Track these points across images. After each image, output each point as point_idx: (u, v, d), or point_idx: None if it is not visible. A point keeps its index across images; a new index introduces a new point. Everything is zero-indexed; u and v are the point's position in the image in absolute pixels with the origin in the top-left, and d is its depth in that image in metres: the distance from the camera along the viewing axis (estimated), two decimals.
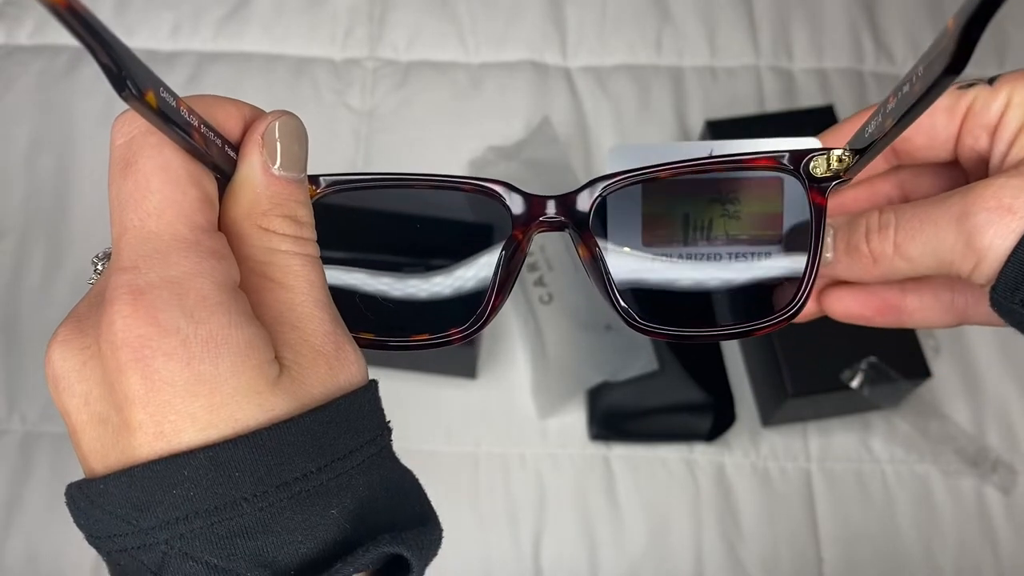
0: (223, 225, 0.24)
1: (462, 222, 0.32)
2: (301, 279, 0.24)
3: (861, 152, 0.27)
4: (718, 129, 0.64)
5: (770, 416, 0.61)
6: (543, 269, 0.64)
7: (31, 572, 0.58)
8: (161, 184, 0.22)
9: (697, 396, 0.62)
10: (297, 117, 0.25)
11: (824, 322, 0.39)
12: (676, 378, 0.61)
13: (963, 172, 0.34)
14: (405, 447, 0.25)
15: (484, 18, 0.74)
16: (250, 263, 0.23)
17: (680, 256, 0.36)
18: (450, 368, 0.63)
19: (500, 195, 0.30)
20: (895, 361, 0.58)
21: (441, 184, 0.30)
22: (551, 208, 0.30)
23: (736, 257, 0.36)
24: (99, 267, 0.25)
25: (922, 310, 0.35)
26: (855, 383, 0.57)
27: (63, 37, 0.73)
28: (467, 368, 0.63)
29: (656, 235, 0.36)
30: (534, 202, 0.30)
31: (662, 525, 0.60)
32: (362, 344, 0.27)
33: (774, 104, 0.72)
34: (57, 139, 0.70)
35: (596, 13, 0.75)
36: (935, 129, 0.33)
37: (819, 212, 0.29)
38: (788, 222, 0.35)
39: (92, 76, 0.71)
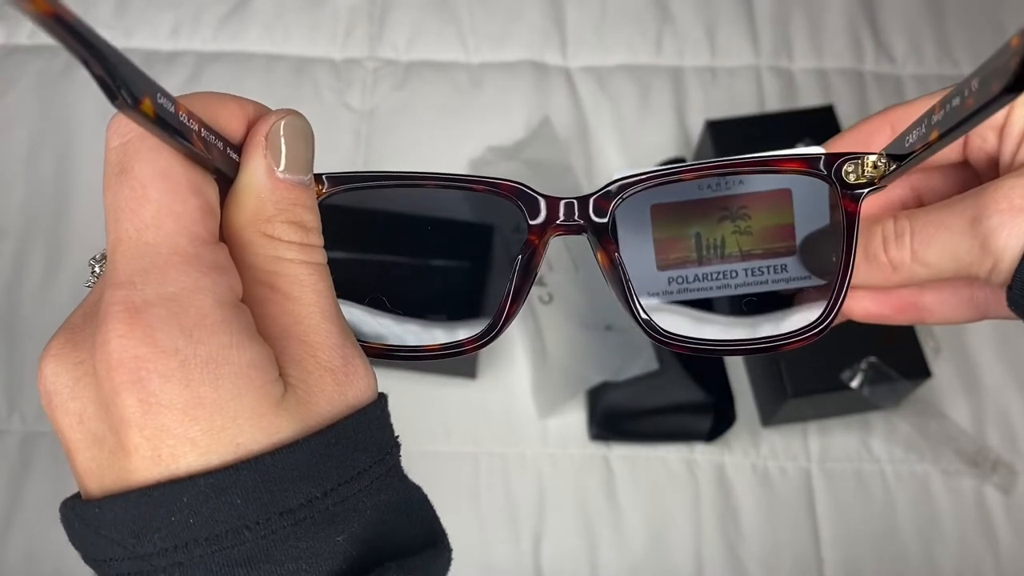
0: (225, 232, 0.23)
1: (474, 224, 0.31)
2: (308, 289, 0.23)
3: (900, 160, 0.27)
4: (718, 129, 0.64)
5: (770, 416, 0.61)
6: (543, 269, 0.64)
7: (31, 572, 0.58)
8: (159, 192, 0.21)
9: (697, 396, 0.61)
10: (303, 116, 0.24)
11: None
12: (676, 378, 0.61)
13: (974, 171, 0.34)
14: (405, 448, 0.25)
15: (484, 18, 0.75)
16: (254, 272, 0.22)
17: (696, 278, 0.35)
18: (450, 368, 0.63)
19: (514, 197, 0.28)
20: (895, 361, 0.58)
21: (452, 184, 0.28)
22: (568, 211, 0.28)
23: (753, 273, 0.35)
24: (96, 269, 0.24)
25: (942, 306, 0.34)
26: (855, 383, 0.57)
27: None
28: (467, 368, 0.63)
29: (670, 258, 0.35)
30: (550, 205, 0.28)
31: (662, 525, 0.60)
32: (370, 353, 0.26)
33: (774, 104, 0.72)
34: (57, 139, 0.70)
35: (596, 13, 0.75)
36: None
37: (851, 219, 0.28)
38: (805, 230, 0.34)
39: None
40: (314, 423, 0.22)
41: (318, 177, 0.27)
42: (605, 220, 0.28)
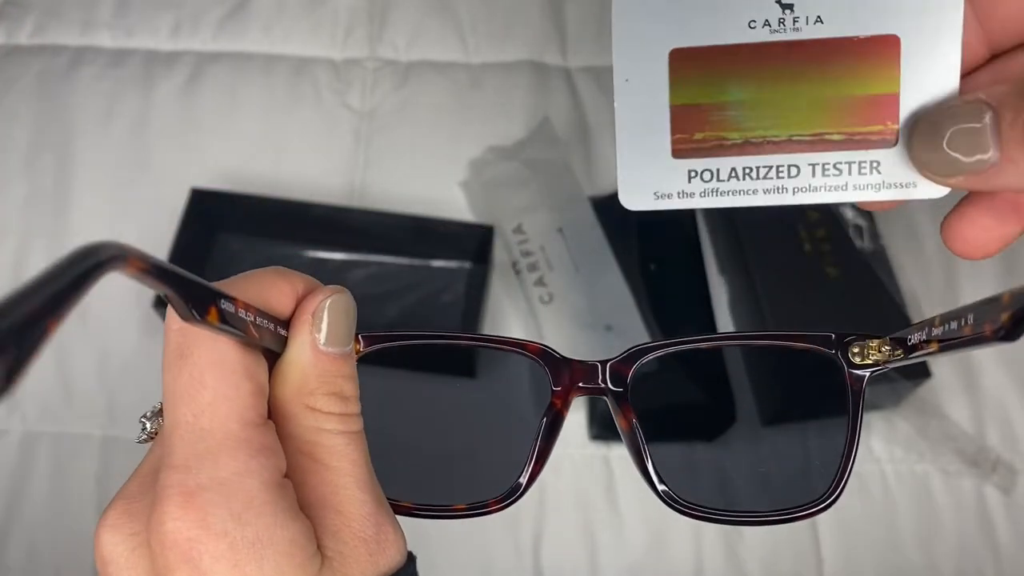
0: (271, 403, 0.24)
1: (501, 381, 0.32)
2: (345, 459, 0.24)
3: (904, 352, 0.27)
4: None
5: (770, 416, 0.61)
6: (543, 269, 0.64)
7: (31, 572, 0.58)
8: (215, 380, 0.22)
9: (697, 396, 0.61)
10: (348, 294, 0.26)
11: (824, 321, 0.39)
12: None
13: None
14: None
15: (484, 18, 0.75)
16: (297, 443, 0.24)
17: (733, 174, 0.25)
18: (449, 368, 0.63)
19: (539, 360, 0.30)
20: None
21: (481, 344, 0.30)
22: (591, 376, 0.29)
23: (825, 171, 0.25)
24: (148, 426, 0.26)
25: None
26: None
27: (63, 37, 0.73)
28: (467, 368, 0.63)
29: (692, 140, 0.26)
30: (574, 368, 0.29)
31: (662, 525, 0.60)
32: (397, 511, 0.27)
33: None
34: (57, 139, 0.70)
35: (596, 13, 0.75)
36: None
37: (856, 398, 0.29)
38: (915, 104, 0.24)
39: (92, 76, 0.71)
40: None
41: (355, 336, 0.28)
42: (624, 389, 0.29)
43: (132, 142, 0.70)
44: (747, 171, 0.25)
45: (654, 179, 0.26)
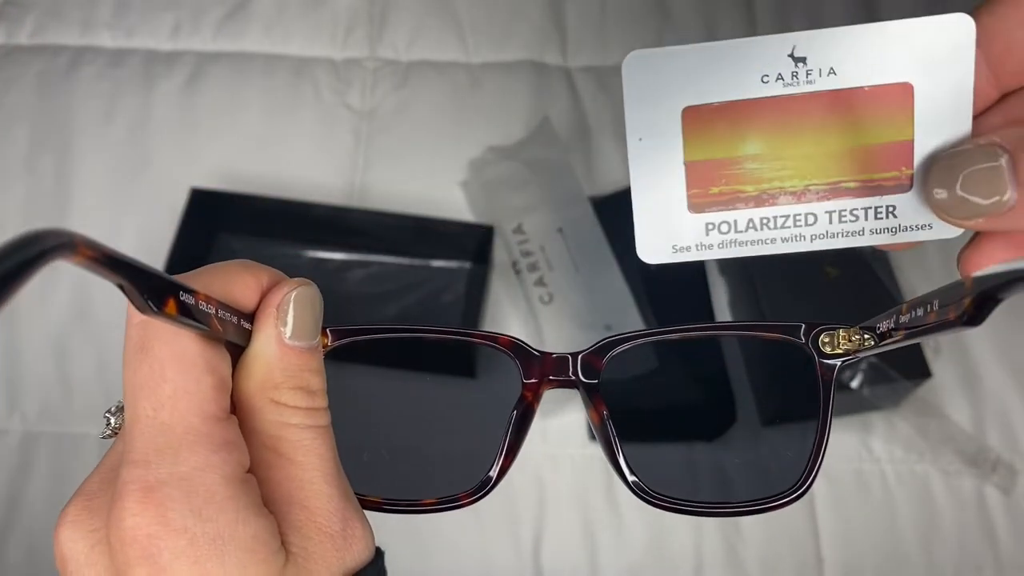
0: (235, 397, 0.24)
1: (476, 375, 0.32)
2: (312, 454, 0.24)
3: (874, 340, 0.26)
4: None
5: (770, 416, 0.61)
6: (543, 269, 0.64)
7: (31, 572, 0.58)
8: (175, 373, 0.22)
9: (697, 396, 0.61)
10: (312, 285, 0.25)
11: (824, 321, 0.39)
12: (676, 378, 0.61)
13: None
14: None
15: (484, 18, 0.75)
16: (261, 437, 0.24)
17: (751, 225, 0.26)
18: (449, 368, 0.63)
19: (510, 353, 0.29)
20: (895, 361, 0.58)
21: (451, 337, 0.29)
22: (562, 368, 0.29)
23: (842, 218, 0.26)
24: (112, 422, 0.25)
25: None
26: (855, 383, 0.57)
27: (63, 37, 0.73)
28: (466, 368, 0.63)
29: (708, 194, 0.26)
30: (545, 361, 0.29)
31: (662, 525, 0.60)
32: (366, 506, 0.27)
33: None
34: (57, 139, 0.70)
35: (596, 13, 0.75)
36: None
37: (828, 388, 0.28)
38: (929, 148, 0.25)
39: (92, 76, 0.71)
40: None
41: (323, 330, 0.27)
42: (596, 381, 0.29)
43: (132, 142, 0.70)
44: (765, 221, 0.26)
45: (672, 233, 0.26)
